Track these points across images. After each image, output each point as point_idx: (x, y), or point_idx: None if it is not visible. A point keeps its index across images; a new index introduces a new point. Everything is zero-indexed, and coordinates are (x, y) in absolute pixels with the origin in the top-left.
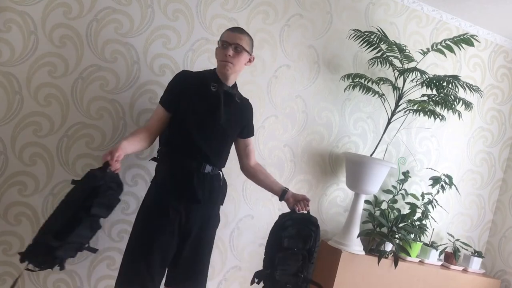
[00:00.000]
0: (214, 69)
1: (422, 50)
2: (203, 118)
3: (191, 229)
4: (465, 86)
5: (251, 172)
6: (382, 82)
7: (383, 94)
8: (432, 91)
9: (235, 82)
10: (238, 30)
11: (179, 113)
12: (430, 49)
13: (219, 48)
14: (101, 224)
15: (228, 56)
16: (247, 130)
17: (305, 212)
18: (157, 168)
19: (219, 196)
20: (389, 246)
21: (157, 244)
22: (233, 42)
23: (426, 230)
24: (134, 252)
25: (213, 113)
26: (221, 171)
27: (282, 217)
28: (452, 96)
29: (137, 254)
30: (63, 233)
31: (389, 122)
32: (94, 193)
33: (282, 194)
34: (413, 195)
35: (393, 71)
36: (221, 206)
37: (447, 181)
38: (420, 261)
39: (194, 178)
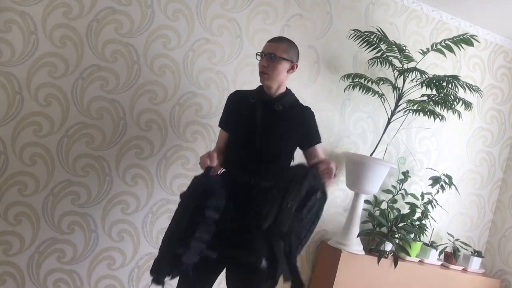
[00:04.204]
0: None
1: (421, 50)
2: (243, 132)
3: None
4: (465, 86)
5: None
6: (382, 82)
7: (383, 94)
8: (432, 91)
9: (286, 91)
10: (274, 40)
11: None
12: (430, 49)
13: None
14: (215, 227)
15: (263, 67)
16: (303, 139)
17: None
18: None
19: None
20: (389, 246)
21: None
22: (268, 52)
23: (426, 230)
24: None
25: (250, 124)
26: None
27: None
28: (452, 96)
29: None
30: (185, 240)
31: (389, 122)
32: (204, 196)
33: None
34: (413, 195)
35: (393, 71)
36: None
37: (446, 181)
38: (419, 261)
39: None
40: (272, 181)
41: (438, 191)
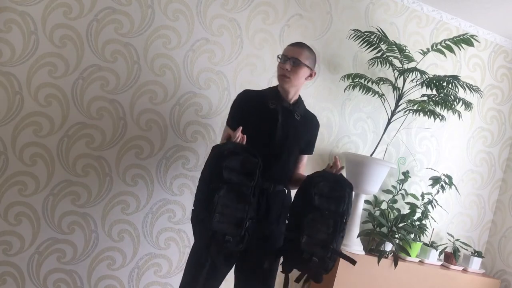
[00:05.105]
0: (276, 86)
1: (422, 50)
2: (262, 136)
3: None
4: (465, 86)
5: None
6: (382, 82)
7: (383, 94)
8: (432, 91)
9: (299, 98)
10: (298, 45)
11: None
12: (430, 49)
13: (279, 63)
14: (248, 193)
15: (285, 70)
16: (305, 147)
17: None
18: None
19: (281, 213)
20: (389, 246)
21: None
22: (292, 56)
23: (426, 230)
24: None
25: (270, 130)
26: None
27: (312, 175)
28: (452, 96)
29: None
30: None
31: (389, 122)
32: (220, 159)
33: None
34: (413, 195)
35: (393, 71)
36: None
37: (447, 181)
38: (420, 261)
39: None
40: (282, 185)
41: (438, 191)
